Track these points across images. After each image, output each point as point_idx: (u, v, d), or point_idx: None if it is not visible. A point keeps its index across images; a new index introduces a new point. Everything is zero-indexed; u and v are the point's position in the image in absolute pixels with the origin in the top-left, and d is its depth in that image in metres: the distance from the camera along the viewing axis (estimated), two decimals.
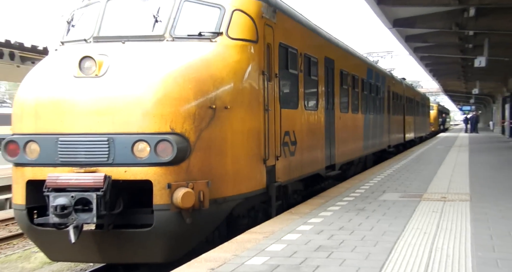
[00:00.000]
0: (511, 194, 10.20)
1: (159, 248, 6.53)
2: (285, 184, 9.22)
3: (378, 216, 7.96)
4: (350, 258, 5.53)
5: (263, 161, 8.00)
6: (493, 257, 5.57)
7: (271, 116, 8.31)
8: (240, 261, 5.47)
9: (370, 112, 18.07)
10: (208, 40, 7.38)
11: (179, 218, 6.37)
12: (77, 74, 6.58)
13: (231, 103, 7.18)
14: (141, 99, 6.48)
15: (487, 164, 17.17)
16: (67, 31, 7.97)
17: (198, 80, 6.81)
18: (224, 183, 7.07)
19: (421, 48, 31.25)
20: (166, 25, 7.41)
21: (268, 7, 8.29)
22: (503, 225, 7.26)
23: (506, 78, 38.90)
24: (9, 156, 6.74)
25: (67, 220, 6.07)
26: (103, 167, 6.37)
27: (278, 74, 8.77)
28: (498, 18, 21.31)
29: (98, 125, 6.49)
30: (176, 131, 6.49)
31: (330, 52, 12.80)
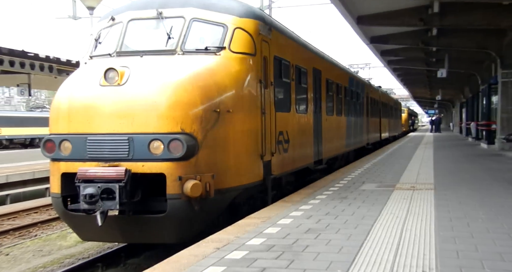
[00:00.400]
0: (467, 183, 10.30)
1: (172, 230, 6.69)
2: (279, 176, 9.28)
3: (358, 203, 8.02)
4: (334, 238, 5.62)
5: (260, 156, 8.06)
6: (452, 236, 5.71)
7: (267, 119, 8.38)
8: (241, 241, 5.53)
9: (351, 115, 18.06)
10: (213, 54, 7.45)
11: (188, 205, 6.49)
12: (103, 83, 6.74)
13: (233, 108, 7.25)
14: (156, 104, 6.59)
15: (448, 158, 17.24)
16: (94, 47, 8.09)
17: (204, 88, 6.91)
18: (227, 176, 7.14)
19: (393, 61, 31.48)
20: (177, 41, 7.50)
21: (264, 26, 8.39)
22: (460, 209, 7.38)
23: (462, 87, 39.15)
24: (47, 152, 6.93)
25: (94, 206, 6.28)
26: (124, 162, 6.52)
27: (273, 83, 8.83)
28: (455, 37, 21.81)
29: (119, 127, 6.64)
30: (186, 131, 6.59)
31: (317, 64, 12.89)
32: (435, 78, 31.44)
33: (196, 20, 7.68)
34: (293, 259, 4.82)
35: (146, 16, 7.88)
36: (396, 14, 18.53)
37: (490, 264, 4.58)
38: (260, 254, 5.02)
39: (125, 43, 7.76)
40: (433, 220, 6.64)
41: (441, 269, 4.46)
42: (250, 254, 5.04)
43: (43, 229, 12.14)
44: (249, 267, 4.57)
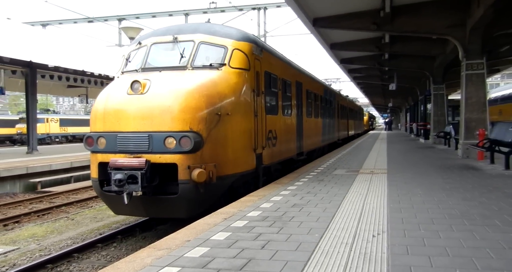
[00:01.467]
0: (410, 168, 10.24)
1: (183, 208, 6.49)
2: (269, 165, 8.99)
3: (331, 184, 7.95)
4: (313, 211, 5.57)
5: (253, 150, 7.79)
6: (399, 207, 5.67)
7: (259, 120, 8.10)
8: (243, 213, 5.51)
9: (326, 118, 17.63)
10: (216, 69, 7.22)
11: (196, 189, 6.31)
12: (129, 92, 6.62)
13: (231, 111, 7.01)
14: (170, 108, 6.39)
15: (397, 150, 17.19)
16: (125, 65, 7.94)
17: (208, 95, 6.66)
18: (226, 165, 6.88)
19: (357, 77, 31.51)
20: (188, 59, 7.32)
21: (257, 47, 8.18)
22: (405, 187, 7.33)
23: (407, 97, 39.32)
24: (88, 146, 6.82)
25: (122, 189, 6.16)
26: (145, 154, 6.35)
27: (264, 92, 8.54)
28: (402, 60, 21.99)
29: (142, 126, 6.45)
30: (194, 130, 6.37)
31: (299, 77, 12.57)
32: (387, 90, 31.61)
33: (203, 43, 7.51)
34: (282, 226, 4.77)
35: (165, 40, 7.72)
36: (359, 42, 18.64)
37: (425, 227, 4.59)
38: (257, 223, 4.96)
39: (148, 61, 7.62)
40: (385, 196, 6.59)
41: (390, 231, 4.42)
42: (249, 223, 4.98)
43: (97, 202, 12.06)
44: (249, 233, 4.52)
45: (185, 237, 4.40)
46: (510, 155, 9.93)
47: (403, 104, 49.35)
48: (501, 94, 28.11)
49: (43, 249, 7.30)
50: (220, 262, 3.55)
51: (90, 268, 6.14)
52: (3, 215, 10.68)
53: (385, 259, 3.54)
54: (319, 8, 14.09)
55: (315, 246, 3.94)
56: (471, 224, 4.71)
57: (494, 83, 70.40)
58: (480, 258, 3.53)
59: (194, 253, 3.82)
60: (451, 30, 13.25)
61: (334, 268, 3.36)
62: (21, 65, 19.67)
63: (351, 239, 4.16)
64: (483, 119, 12.86)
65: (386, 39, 17.33)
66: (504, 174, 9.14)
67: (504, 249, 3.76)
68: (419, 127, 28.43)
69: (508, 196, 6.44)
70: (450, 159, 12.80)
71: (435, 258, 3.55)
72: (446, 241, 4.05)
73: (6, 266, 6.49)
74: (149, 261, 3.64)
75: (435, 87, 21.19)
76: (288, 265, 3.44)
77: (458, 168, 10.42)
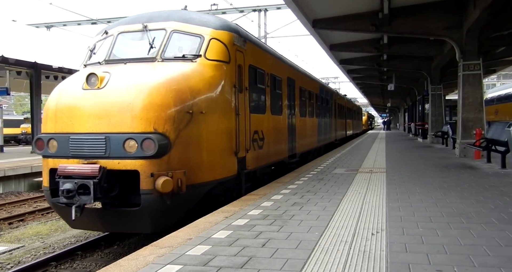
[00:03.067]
0: (409, 167, 10.22)
1: (147, 222, 5.53)
2: (254, 170, 7.98)
3: (331, 183, 7.92)
4: (313, 209, 5.55)
5: (234, 153, 6.81)
6: (397, 205, 5.66)
7: (241, 119, 7.13)
8: (244, 212, 5.44)
9: (322, 117, 16.61)
10: (190, 61, 6.25)
11: (161, 200, 5.36)
12: (85, 87, 5.67)
13: (206, 109, 6.05)
14: (131, 105, 5.42)
15: (395, 150, 17.18)
16: (89, 57, 6.99)
17: (178, 91, 5.68)
18: (200, 172, 5.92)
19: (356, 77, 31.57)
20: (158, 50, 6.35)
21: (239, 38, 7.19)
22: (403, 186, 7.32)
23: (405, 97, 39.38)
24: (38, 149, 5.89)
25: (72, 201, 5.23)
26: (102, 159, 5.39)
27: (248, 88, 7.54)
28: (400, 61, 22.08)
29: (98, 127, 5.49)
30: (158, 131, 5.41)
31: (291, 74, 11.46)
32: (386, 90, 31.78)
33: (176, 31, 6.53)
34: (283, 225, 4.75)
35: (133, 29, 6.75)
36: (358, 43, 18.71)
37: (423, 225, 4.58)
38: (258, 221, 4.94)
39: (113, 53, 6.66)
40: (384, 194, 6.58)
41: (389, 229, 4.41)
42: (250, 221, 4.97)
43: None
44: (250, 231, 4.50)
45: (186, 235, 4.39)
46: (506, 154, 9.93)
47: (402, 104, 49.40)
48: (497, 95, 28.13)
49: (47, 247, 7.29)
50: (221, 260, 3.55)
51: (93, 266, 6.13)
52: (8, 213, 10.68)
53: (384, 256, 3.54)
54: (319, 10, 14.10)
55: (315, 244, 3.94)
56: (468, 222, 4.71)
57: (490, 83, 70.39)
58: (477, 255, 3.53)
59: (196, 251, 3.81)
60: (448, 31, 13.27)
61: (334, 266, 3.35)
62: (26, 66, 19.68)
63: (351, 237, 4.15)
64: (480, 119, 12.86)
65: (384, 40, 17.39)
66: (500, 173, 9.14)
67: (500, 247, 3.76)
68: (417, 127, 28.42)
69: (504, 194, 6.43)
70: (448, 158, 12.79)
71: (433, 255, 3.54)
72: (443, 238, 4.04)
73: (11, 264, 6.50)
74: (151, 259, 3.64)
75: (432, 87, 21.22)
76: (289, 263, 3.44)
77: (455, 167, 10.41)
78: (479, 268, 3.23)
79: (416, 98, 29.69)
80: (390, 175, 8.90)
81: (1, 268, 6.35)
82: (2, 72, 19.70)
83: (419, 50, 18.24)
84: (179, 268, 3.38)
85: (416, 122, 29.66)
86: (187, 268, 3.38)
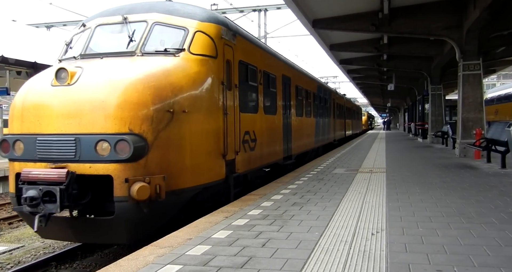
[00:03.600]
0: (409, 167, 10.22)
1: (122, 232, 5.00)
2: (245, 173, 7.43)
3: (331, 183, 7.91)
4: (313, 209, 5.55)
5: (222, 156, 6.28)
6: (397, 205, 5.66)
7: (230, 119, 6.59)
8: (244, 212, 5.42)
9: (319, 117, 15.96)
10: (172, 55, 5.72)
11: (137, 208, 4.83)
12: (53, 83, 5.13)
13: (189, 108, 5.48)
14: (104, 104, 4.89)
15: (395, 149, 17.17)
16: (65, 52, 6.49)
17: (157, 88, 5.14)
18: (182, 176, 5.39)
19: (356, 77, 31.61)
20: (138, 43, 5.84)
21: (228, 31, 6.68)
22: (403, 186, 7.32)
23: (405, 97, 39.42)
24: (3, 152, 5.36)
25: (36, 209, 4.70)
26: (71, 163, 4.86)
27: (238, 85, 7.02)
28: (400, 61, 22.10)
29: (67, 127, 4.95)
30: (134, 132, 4.87)
31: (287, 71, 10.86)
32: (386, 90, 31.83)
33: (158, 24, 6.04)
34: (283, 225, 4.75)
35: (113, 21, 6.25)
36: (358, 43, 18.72)
37: (423, 225, 4.57)
38: (258, 221, 4.94)
39: (90, 47, 6.14)
40: (384, 194, 6.58)
41: (389, 229, 4.40)
42: (250, 221, 4.96)
43: None
44: (250, 231, 4.50)
45: (186, 235, 4.39)
46: (506, 154, 9.93)
47: (402, 104, 49.43)
48: (497, 95, 28.14)
49: (47, 247, 7.29)
50: (221, 260, 3.55)
51: (93, 266, 6.13)
52: (8, 213, 10.68)
53: (384, 256, 3.53)
54: (319, 10, 14.10)
55: (315, 244, 3.93)
56: (468, 222, 4.70)
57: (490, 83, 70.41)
58: (477, 255, 3.53)
59: (196, 251, 3.81)
60: (448, 31, 13.28)
61: (334, 266, 3.35)
62: (25, 66, 19.64)
63: (351, 237, 4.15)
64: (480, 119, 12.86)
65: (384, 40, 17.40)
66: (500, 173, 9.13)
67: (500, 247, 3.75)
68: (417, 127, 28.44)
69: (504, 194, 6.43)
70: (448, 158, 12.78)
71: (433, 255, 3.54)
72: (443, 238, 4.04)
73: (11, 264, 6.50)
74: (151, 259, 3.64)
75: (432, 87, 21.21)
76: (289, 263, 3.44)
77: (455, 166, 10.41)
78: (479, 268, 3.23)
79: (416, 98, 29.71)
80: (390, 175, 8.89)
81: (1, 268, 6.34)
82: (2, 72, 19.69)
83: (419, 50, 18.26)
84: (179, 268, 3.38)
85: (416, 122, 29.67)
86: (187, 268, 3.37)
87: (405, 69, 23.26)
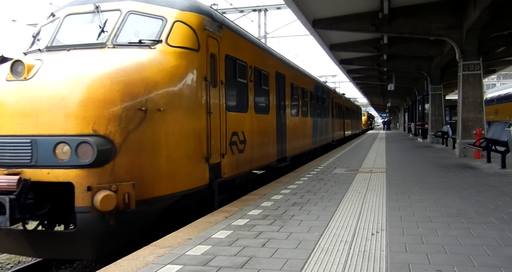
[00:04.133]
0: (409, 167, 10.22)
1: (86, 246, 4.43)
2: (233, 177, 6.90)
3: (331, 183, 7.90)
4: (313, 209, 5.55)
5: (205, 159, 5.71)
6: (397, 205, 5.66)
7: (215, 119, 6.05)
8: (244, 212, 5.42)
9: (317, 117, 15.37)
10: (148, 47, 5.17)
11: (102, 220, 4.26)
12: (8, 78, 4.54)
13: (166, 106, 4.92)
14: (64, 101, 4.32)
15: (395, 149, 17.16)
16: (31, 44, 5.98)
17: (127, 83, 4.58)
18: (156, 183, 4.79)
19: (356, 77, 31.65)
20: (110, 34, 5.29)
21: (212, 22, 6.10)
22: (403, 186, 7.32)
23: (405, 97, 39.46)
24: None
25: None
26: (27, 169, 4.27)
27: (224, 82, 6.48)
28: (400, 61, 22.13)
29: (22, 127, 4.36)
30: (99, 133, 4.31)
31: (281, 68, 10.26)
32: (386, 90, 31.89)
33: (133, 13, 5.48)
34: (283, 225, 4.75)
35: (84, 10, 5.71)
36: (358, 43, 18.77)
37: (423, 225, 4.58)
38: (258, 221, 4.94)
39: (57, 38, 5.59)
40: (384, 194, 6.57)
41: (389, 229, 4.40)
42: (250, 221, 4.96)
43: None
44: (250, 231, 4.50)
45: (186, 235, 4.39)
46: (506, 154, 9.93)
47: (402, 104, 49.45)
48: (497, 95, 28.16)
49: None
50: (221, 260, 3.55)
51: (93, 266, 6.12)
52: None
53: (384, 256, 3.53)
54: (319, 10, 14.11)
55: (315, 244, 3.93)
56: (468, 222, 4.70)
57: (490, 83, 70.44)
58: (477, 255, 3.53)
59: (196, 251, 3.81)
60: (448, 31, 13.28)
61: (334, 266, 3.35)
62: None
63: (351, 237, 4.15)
64: (480, 119, 12.87)
65: (384, 40, 17.41)
66: (500, 173, 9.14)
67: (500, 247, 3.75)
68: (417, 127, 28.45)
69: (504, 194, 6.43)
70: (448, 158, 12.78)
71: (433, 255, 3.54)
72: (443, 238, 4.04)
73: (11, 264, 6.49)
74: (151, 259, 3.64)
75: (432, 87, 21.24)
76: (289, 263, 3.44)
77: (455, 167, 10.41)
78: (479, 268, 3.23)
79: (416, 98, 29.72)
80: (390, 175, 8.89)
81: (1, 268, 6.34)
82: None
83: (419, 50, 18.27)
84: (179, 268, 3.38)
85: (416, 122, 29.68)
86: (187, 268, 3.37)
87: (405, 69, 23.29)
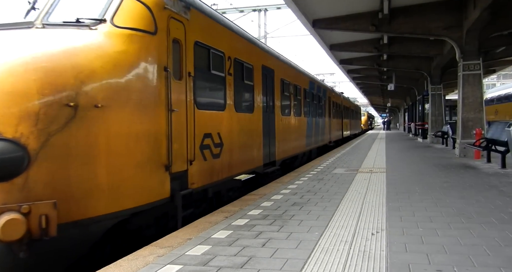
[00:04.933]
0: (409, 167, 10.21)
1: None
2: (204, 188, 5.81)
3: (331, 183, 7.90)
4: (313, 210, 5.54)
5: (165, 167, 4.67)
6: (397, 205, 5.66)
7: (179, 118, 5.02)
8: (244, 212, 5.43)
9: (312, 116, 14.39)
10: (87, 28, 4.17)
11: (7, 252, 3.39)
12: None
13: (107, 101, 3.91)
14: None
15: (395, 149, 17.15)
16: None
17: (49, 71, 3.61)
18: (92, 200, 3.78)
19: (357, 77, 31.66)
20: (40, 11, 4.33)
21: (176, 1, 5.09)
22: (403, 186, 7.31)
23: (405, 97, 39.50)
24: None
25: None
26: None
27: (193, 74, 5.44)
28: (400, 61, 22.13)
29: None
30: (6, 136, 3.34)
31: (269, 62, 9.19)
32: (386, 90, 31.95)
33: None
34: (283, 225, 4.75)
35: None
36: (358, 43, 18.79)
37: (423, 225, 4.57)
38: (258, 221, 4.94)
39: None
40: (384, 194, 6.57)
41: (389, 229, 4.40)
42: (250, 221, 4.96)
43: None
44: (250, 231, 4.50)
45: (186, 235, 4.39)
46: (506, 154, 9.93)
47: (402, 104, 49.46)
48: (497, 95, 28.16)
49: None
50: (221, 260, 3.55)
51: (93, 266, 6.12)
52: None
53: (384, 256, 3.54)
54: (319, 10, 14.11)
55: (315, 244, 3.93)
56: (468, 222, 4.71)
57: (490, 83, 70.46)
58: (477, 255, 3.53)
59: (196, 251, 3.81)
60: (448, 31, 13.29)
61: (334, 266, 3.35)
62: None
63: (351, 237, 4.15)
64: (480, 119, 12.87)
65: (384, 40, 17.44)
66: (500, 173, 9.14)
67: (500, 246, 3.76)
68: (417, 127, 28.45)
69: (504, 194, 6.43)
70: (448, 158, 12.78)
71: (433, 255, 3.54)
72: (443, 238, 4.04)
73: None
74: (151, 259, 3.64)
75: (432, 87, 21.25)
76: (289, 263, 3.44)
77: (455, 166, 10.41)
78: (479, 268, 3.23)
79: (416, 98, 29.73)
80: (390, 175, 8.89)
81: None
82: None
83: (419, 50, 18.28)
84: (179, 268, 3.38)
85: (416, 122, 29.68)
86: (187, 268, 3.37)
87: (405, 69, 23.30)
